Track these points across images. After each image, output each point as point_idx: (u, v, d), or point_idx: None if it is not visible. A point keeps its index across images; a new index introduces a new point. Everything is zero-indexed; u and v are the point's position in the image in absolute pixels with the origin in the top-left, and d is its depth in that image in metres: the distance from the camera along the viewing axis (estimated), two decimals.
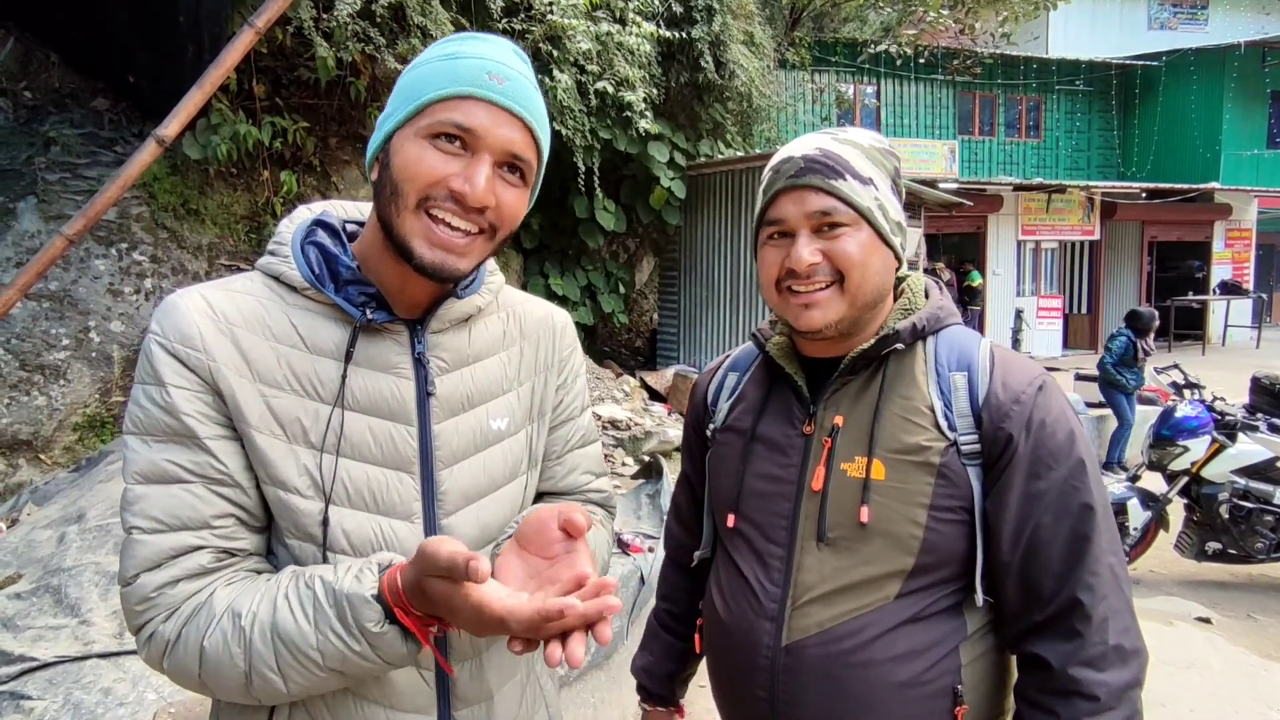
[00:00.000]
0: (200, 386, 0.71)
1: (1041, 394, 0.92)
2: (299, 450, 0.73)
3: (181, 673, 0.70)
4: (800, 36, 12.47)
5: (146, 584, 0.69)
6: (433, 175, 0.72)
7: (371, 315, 0.76)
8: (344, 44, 4.54)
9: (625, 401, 6.32)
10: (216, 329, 0.72)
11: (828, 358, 1.00)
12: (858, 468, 0.92)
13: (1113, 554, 0.89)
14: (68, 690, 1.83)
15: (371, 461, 0.76)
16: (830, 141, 0.95)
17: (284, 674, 0.67)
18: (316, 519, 0.73)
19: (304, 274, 0.77)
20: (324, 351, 0.76)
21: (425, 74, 0.75)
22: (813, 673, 0.92)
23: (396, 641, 0.66)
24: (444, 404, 0.81)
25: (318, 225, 0.82)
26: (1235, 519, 3.84)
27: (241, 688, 0.68)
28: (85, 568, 2.24)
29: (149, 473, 0.70)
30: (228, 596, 0.70)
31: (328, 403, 0.75)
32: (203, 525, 0.70)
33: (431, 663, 0.79)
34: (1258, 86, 14.95)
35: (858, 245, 0.92)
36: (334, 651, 0.66)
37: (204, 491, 0.70)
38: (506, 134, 0.74)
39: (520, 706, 0.89)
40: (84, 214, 3.16)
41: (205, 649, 0.68)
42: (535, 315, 0.95)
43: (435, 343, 0.82)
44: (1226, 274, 14.49)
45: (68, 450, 3.98)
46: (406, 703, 0.78)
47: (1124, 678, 0.86)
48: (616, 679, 2.68)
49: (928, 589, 0.92)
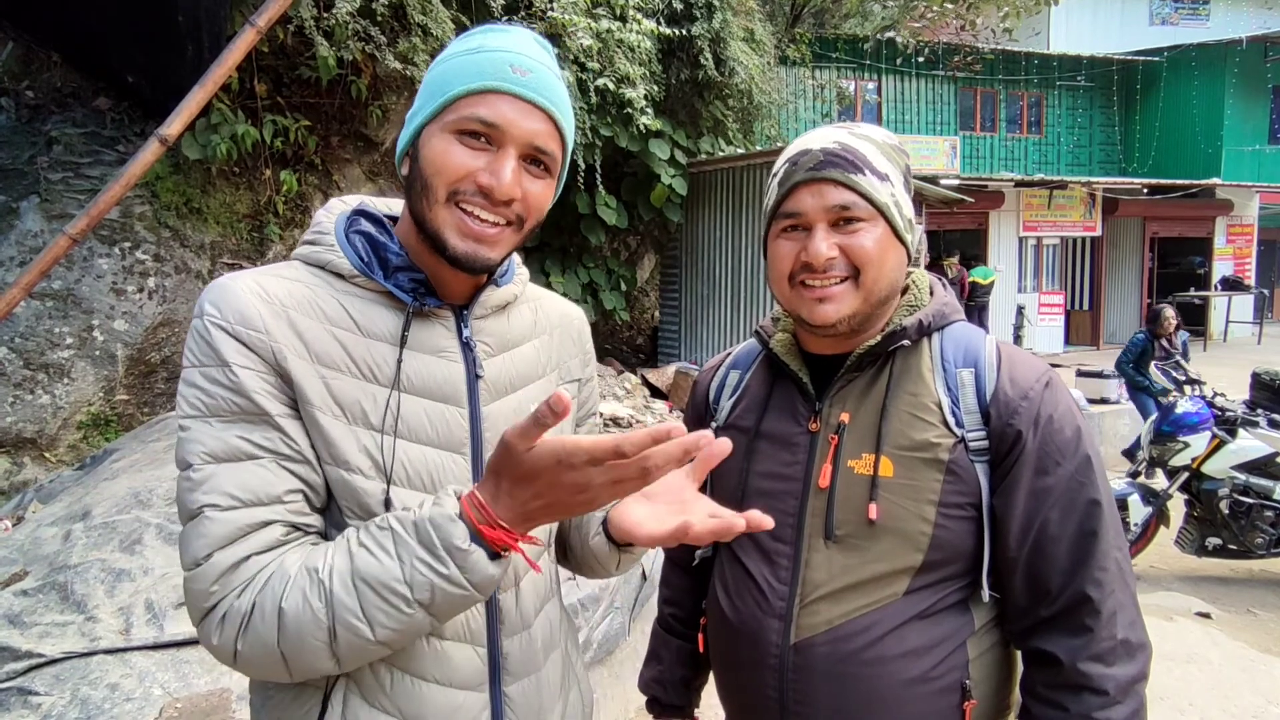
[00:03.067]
0: (264, 367, 0.71)
1: (1049, 390, 0.92)
2: (359, 431, 0.74)
3: (259, 648, 0.67)
4: (801, 33, 12.44)
5: (221, 561, 0.68)
6: (460, 170, 0.74)
7: (424, 300, 0.78)
8: (344, 43, 4.54)
9: (626, 399, 6.32)
10: (272, 311, 0.73)
11: (832, 355, 1.00)
12: (865, 465, 0.92)
13: (1119, 549, 0.89)
14: (75, 686, 1.84)
15: (427, 443, 0.78)
16: (848, 136, 0.95)
17: (370, 619, 0.66)
18: (379, 498, 0.74)
19: (353, 261, 0.78)
20: (377, 336, 0.77)
21: (451, 69, 0.77)
22: (822, 671, 0.92)
23: (484, 561, 0.65)
24: (491, 386, 0.83)
25: (359, 215, 0.84)
26: (1235, 514, 3.85)
27: (325, 648, 0.66)
28: (91, 564, 2.25)
29: (218, 451, 0.69)
30: (299, 557, 0.69)
31: (384, 385, 0.76)
32: (275, 500, 0.70)
33: (484, 638, 0.80)
34: (1259, 82, 14.91)
35: (874, 241, 0.92)
36: (422, 580, 0.65)
37: (276, 467, 0.71)
38: (530, 126, 0.76)
39: (562, 679, 0.92)
40: (87, 213, 3.16)
41: (284, 611, 0.66)
42: (558, 309, 0.99)
43: (479, 328, 0.84)
44: (1228, 270, 14.46)
45: (72, 448, 4.00)
46: (461, 679, 0.78)
47: (1131, 671, 0.86)
48: (619, 675, 2.70)
49: (935, 585, 0.92)
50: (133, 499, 2.71)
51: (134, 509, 2.63)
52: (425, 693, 0.77)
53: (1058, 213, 12.59)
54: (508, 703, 0.83)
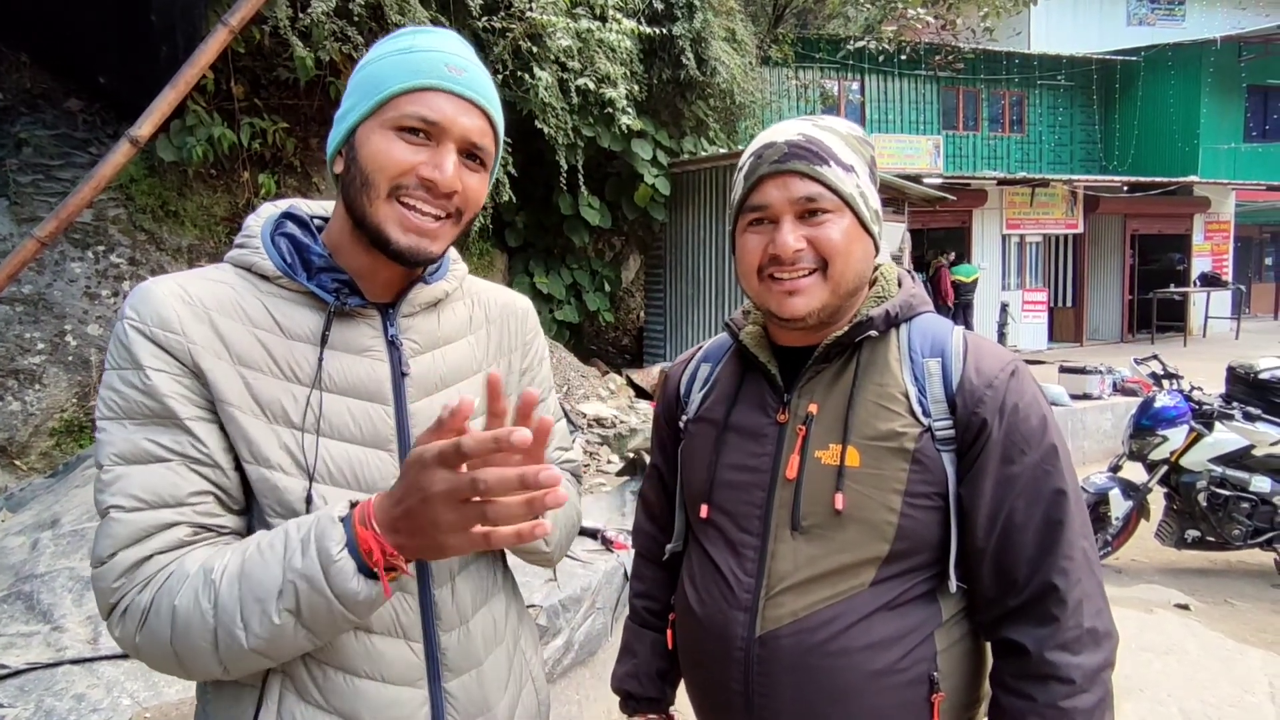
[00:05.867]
0: (179, 369, 0.72)
1: (1014, 379, 0.92)
2: (280, 430, 0.75)
3: (155, 645, 0.68)
4: (783, 33, 12.50)
5: (123, 560, 0.69)
6: (403, 165, 0.76)
7: (345, 300, 0.79)
8: (321, 43, 4.50)
9: (611, 399, 6.30)
10: (193, 314, 0.74)
11: (801, 346, 0.99)
12: (832, 455, 0.92)
13: (1085, 538, 0.89)
14: (39, 697, 1.80)
15: (351, 440, 0.78)
16: (812, 128, 0.94)
17: (246, 623, 0.65)
18: (300, 495, 0.74)
19: (276, 263, 0.79)
20: (299, 336, 0.78)
21: (383, 69, 0.78)
22: (787, 663, 0.91)
23: (349, 570, 0.63)
24: (418, 384, 0.84)
25: (286, 218, 0.85)
26: (1213, 506, 3.89)
27: (211, 650, 0.66)
28: (59, 573, 2.21)
29: (127, 453, 0.70)
30: (200, 556, 0.70)
31: (306, 385, 0.77)
32: (180, 503, 0.71)
33: (419, 633, 0.80)
34: (1234, 81, 15.15)
35: (841, 232, 0.91)
36: (289, 582, 0.64)
37: (183, 470, 0.71)
38: (468, 123, 0.78)
39: (509, 675, 0.91)
40: (56, 215, 3.10)
41: (176, 609, 0.67)
42: (500, 301, 0.99)
43: (406, 326, 0.85)
44: (1206, 266, 14.67)
45: (44, 456, 3.92)
46: (397, 675, 0.78)
47: (1097, 660, 0.86)
48: (601, 676, 2.68)
49: (902, 575, 0.91)
50: None
51: None
52: (360, 689, 0.77)
53: (1040, 210, 12.73)
54: (449, 699, 0.83)
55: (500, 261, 7.21)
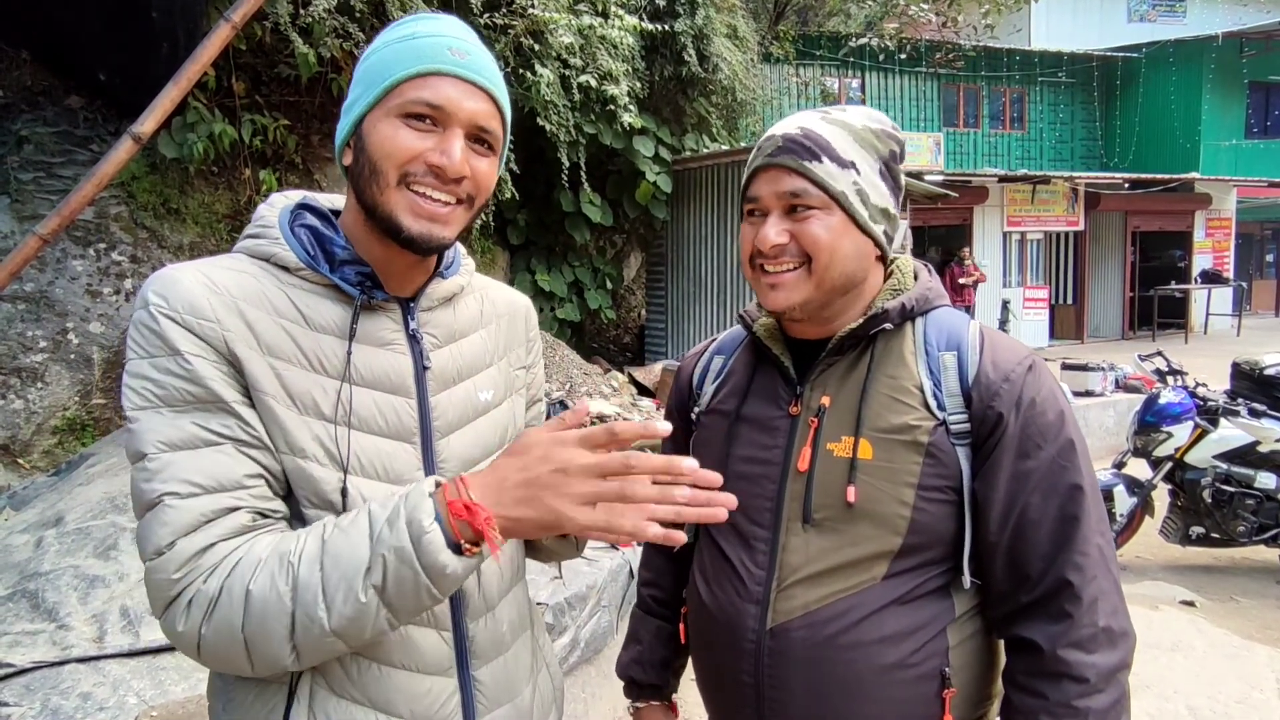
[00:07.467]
0: (216, 356, 0.71)
1: (1031, 374, 0.91)
2: (311, 422, 0.75)
3: (224, 634, 0.66)
4: (784, 30, 12.48)
5: (185, 549, 0.66)
6: (410, 151, 0.75)
7: (371, 293, 0.79)
8: (323, 40, 4.49)
9: (613, 397, 6.30)
10: (223, 302, 0.73)
11: (814, 339, 0.99)
12: (844, 447, 0.91)
13: (1101, 535, 0.88)
14: (45, 696, 1.79)
15: (378, 433, 0.78)
16: (817, 121, 0.94)
17: (329, 603, 0.64)
18: (335, 487, 0.74)
19: (299, 255, 0.78)
20: (324, 329, 0.78)
21: (387, 56, 0.77)
22: (798, 656, 0.90)
23: (438, 542, 0.64)
24: (438, 377, 0.84)
25: (304, 209, 0.84)
26: (1218, 503, 3.88)
27: (286, 635, 0.65)
28: (63, 571, 2.20)
29: (175, 440, 0.68)
30: (271, 541, 0.69)
31: (334, 377, 0.76)
32: (238, 485, 0.69)
33: (449, 621, 0.81)
34: (1235, 77, 15.12)
35: (826, 229, 0.91)
36: (378, 555, 0.64)
37: (235, 453, 0.70)
38: (473, 106, 0.78)
39: (533, 661, 0.92)
40: (58, 213, 3.10)
41: (251, 593, 0.65)
42: (504, 298, 1.00)
43: (426, 319, 0.85)
44: (1207, 263, 14.63)
45: (47, 454, 3.92)
46: (428, 664, 0.79)
47: (1113, 660, 0.85)
48: (607, 673, 2.67)
49: (915, 570, 0.91)
50: (109, 504, 2.66)
51: (110, 514, 2.58)
52: (393, 679, 0.76)
53: (1041, 207, 12.70)
54: (478, 686, 0.83)
55: (502, 259, 7.20)
